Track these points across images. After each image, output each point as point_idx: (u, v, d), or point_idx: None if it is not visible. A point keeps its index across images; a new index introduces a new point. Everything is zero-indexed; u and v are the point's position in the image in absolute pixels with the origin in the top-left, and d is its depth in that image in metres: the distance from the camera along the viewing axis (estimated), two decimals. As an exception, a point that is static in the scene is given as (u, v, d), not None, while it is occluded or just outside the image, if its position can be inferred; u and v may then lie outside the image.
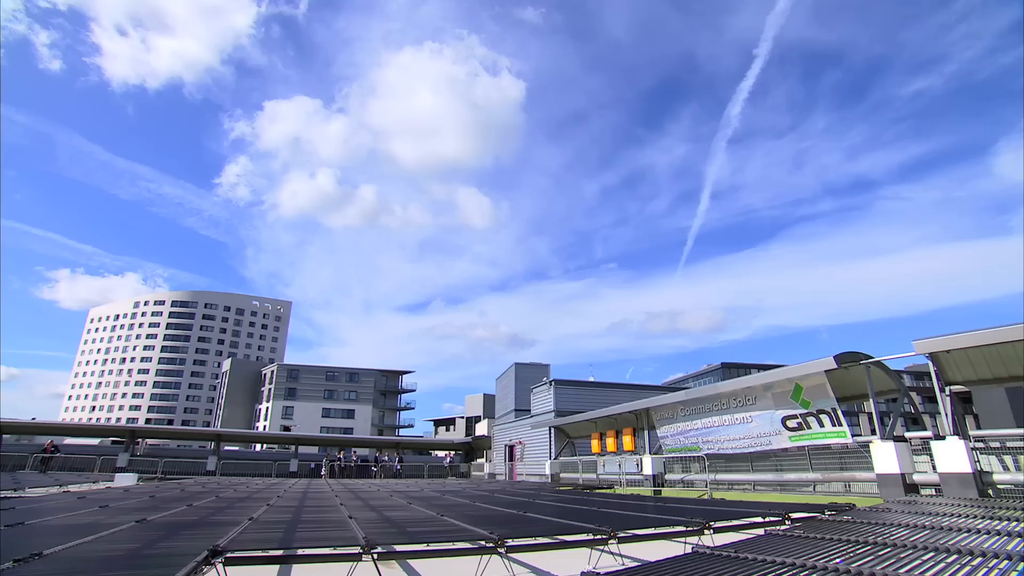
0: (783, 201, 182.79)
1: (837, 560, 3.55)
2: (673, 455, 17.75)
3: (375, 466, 36.07)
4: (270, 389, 75.71)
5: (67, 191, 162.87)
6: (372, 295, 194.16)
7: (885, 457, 10.77)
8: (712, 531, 6.17)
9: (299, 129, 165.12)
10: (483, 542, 5.06)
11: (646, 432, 18.95)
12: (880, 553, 3.97)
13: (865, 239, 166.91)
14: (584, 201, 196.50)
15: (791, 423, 13.31)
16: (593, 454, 21.91)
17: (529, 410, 32.92)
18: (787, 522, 6.70)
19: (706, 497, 13.14)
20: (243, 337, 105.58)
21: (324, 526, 6.17)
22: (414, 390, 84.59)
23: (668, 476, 17.69)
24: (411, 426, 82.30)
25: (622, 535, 5.36)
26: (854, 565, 3.35)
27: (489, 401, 59.95)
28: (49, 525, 5.44)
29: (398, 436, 68.22)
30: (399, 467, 35.37)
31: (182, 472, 29.56)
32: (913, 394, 14.66)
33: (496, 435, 35.88)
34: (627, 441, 19.79)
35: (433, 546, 5.11)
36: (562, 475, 23.94)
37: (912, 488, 10.48)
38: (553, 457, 25.19)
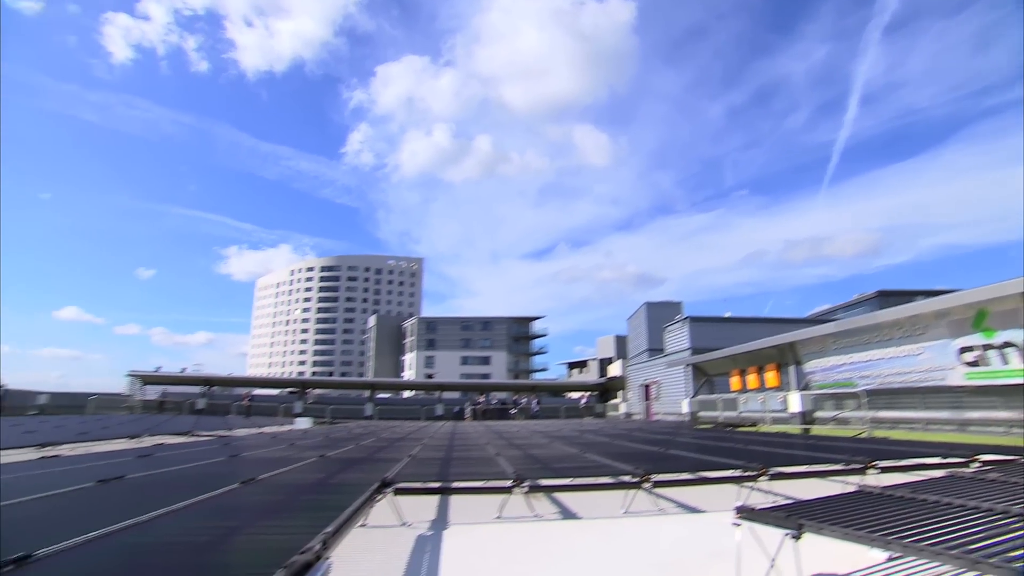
0: (960, 94, 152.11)
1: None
2: (823, 391, 16.53)
3: (513, 408, 37.96)
4: (412, 341, 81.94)
5: (226, 178, 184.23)
6: (497, 244, 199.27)
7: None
8: (877, 470, 5.71)
9: (411, 89, 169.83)
10: (627, 477, 5.13)
11: (791, 368, 17.78)
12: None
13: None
14: (709, 125, 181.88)
15: (968, 356, 11.62)
16: (733, 392, 21.13)
17: (663, 349, 32.37)
18: (974, 464, 5.98)
19: (864, 436, 12.15)
20: (383, 295, 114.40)
21: (474, 463, 6.63)
22: (545, 335, 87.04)
23: (818, 414, 16.56)
24: (545, 369, 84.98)
25: (773, 472, 5.15)
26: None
27: (621, 342, 59.76)
28: (255, 457, 6.46)
29: (533, 380, 70.87)
30: (537, 408, 36.88)
31: (345, 417, 33.35)
32: None
33: (630, 375, 35.89)
34: (770, 377, 18.75)
35: (578, 480, 5.30)
36: (701, 413, 23.44)
37: None
38: (691, 395, 24.70)
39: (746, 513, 2.70)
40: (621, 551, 3.73)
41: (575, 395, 46.25)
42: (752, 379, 19.90)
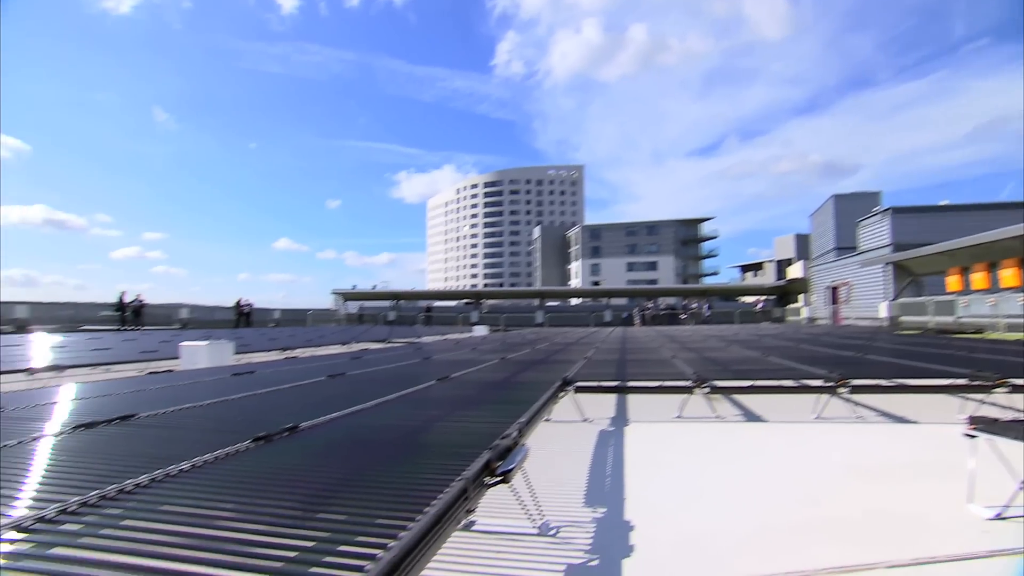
0: None
1: None
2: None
3: (683, 313, 37.09)
4: (576, 250, 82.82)
5: (389, 107, 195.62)
6: (659, 144, 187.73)
7: None
8: None
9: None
10: (819, 381, 4.79)
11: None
12: None
13: None
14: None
15: None
16: (948, 293, 18.16)
17: (854, 247, 28.71)
18: None
19: None
20: (546, 205, 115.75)
21: (650, 364, 6.69)
22: (715, 237, 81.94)
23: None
24: (715, 273, 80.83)
25: (1016, 383, 4.41)
26: None
27: (802, 241, 54.23)
28: (444, 359, 7.24)
29: (703, 284, 68.06)
30: (708, 313, 35.61)
31: (517, 325, 35.50)
32: None
33: (814, 277, 32.64)
34: (1008, 276, 15.68)
35: (761, 383, 5.08)
36: (903, 318, 20.67)
37: None
38: (891, 298, 21.80)
39: (984, 424, 2.36)
40: (813, 456, 3.56)
41: (749, 299, 43.60)
42: (979, 278, 16.84)
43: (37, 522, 1.47)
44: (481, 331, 22.80)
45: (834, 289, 28.60)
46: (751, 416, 4.87)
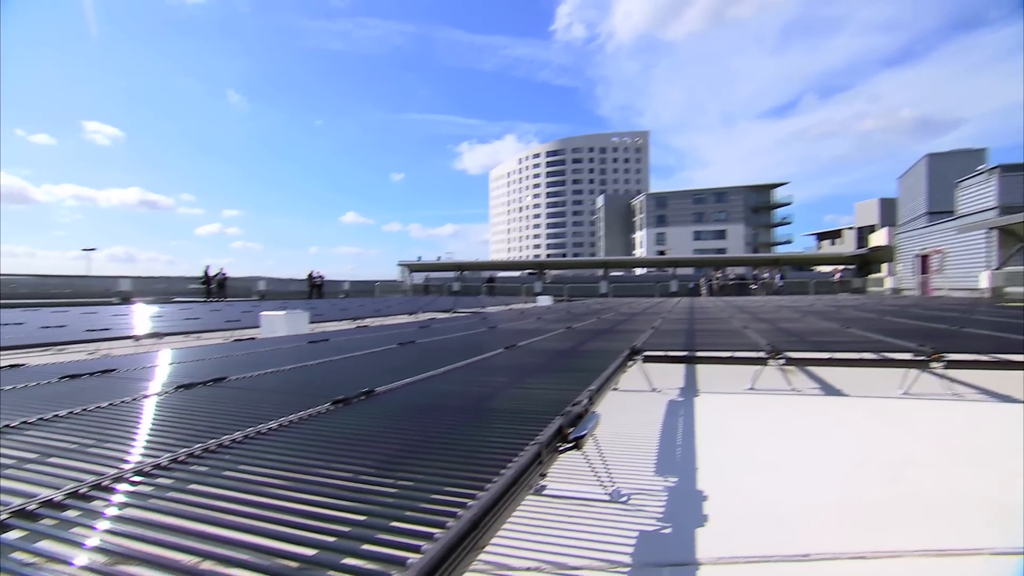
0: None
1: None
2: None
3: (754, 283, 35.64)
4: (641, 219, 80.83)
5: (450, 78, 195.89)
6: (730, 105, 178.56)
7: None
8: None
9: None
10: (908, 355, 4.49)
11: None
12: None
13: None
14: None
15: None
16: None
17: (951, 211, 26.40)
18: None
19: None
20: (609, 173, 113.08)
21: (721, 334, 6.48)
22: (789, 203, 77.37)
23: None
24: (788, 242, 76.81)
25: None
26: None
27: (887, 206, 50.45)
28: (510, 328, 7.32)
29: (775, 253, 64.91)
30: (781, 283, 34.05)
31: (581, 295, 35.30)
32: None
33: (901, 244, 30.41)
34: None
35: (842, 355, 4.82)
36: (1007, 289, 18.94)
37: None
38: (994, 267, 19.99)
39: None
40: (900, 433, 3.36)
41: (826, 269, 41.24)
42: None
43: (154, 468, 1.62)
44: (545, 301, 22.84)
45: (924, 257, 26.53)
46: (830, 390, 4.65)
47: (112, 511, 1.32)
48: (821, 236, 69.46)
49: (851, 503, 2.25)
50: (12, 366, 4.06)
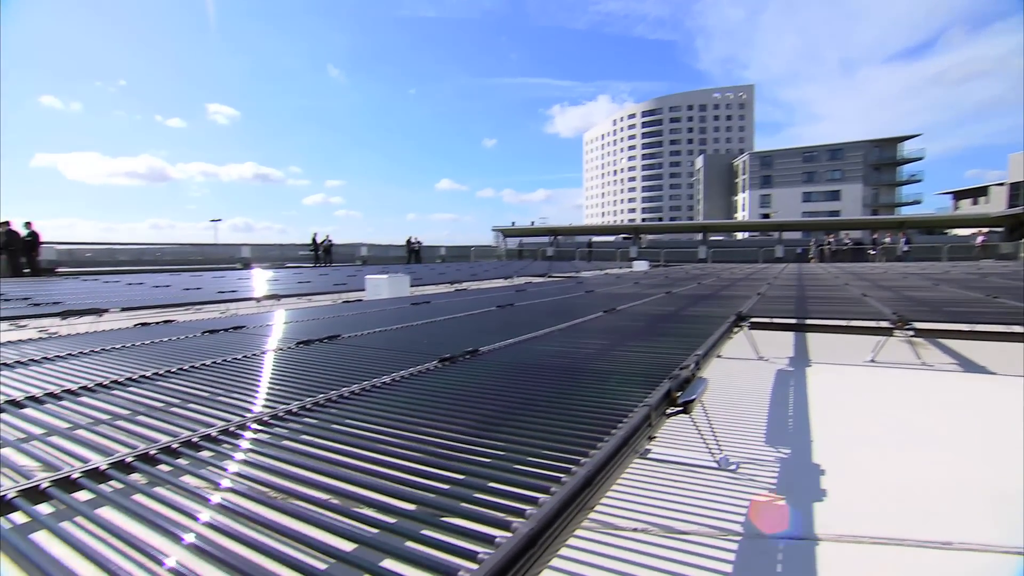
0: None
1: None
2: None
3: (872, 248, 32.57)
4: (744, 179, 75.97)
5: (540, 39, 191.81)
6: (851, 50, 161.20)
7: None
8: None
9: None
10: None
11: None
12: None
13: None
14: None
15: None
16: None
17: None
18: None
19: None
20: (709, 132, 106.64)
21: (834, 302, 6.00)
22: (920, 159, 68.76)
23: None
24: (917, 202, 68.86)
25: None
26: None
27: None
28: (607, 292, 7.21)
29: (899, 215, 58.66)
30: (907, 248, 30.82)
31: (678, 260, 34.02)
32: None
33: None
34: None
35: (985, 327, 4.29)
36: None
37: None
38: None
39: None
40: (1062, 412, 2.95)
41: (964, 232, 36.68)
42: None
43: (287, 414, 1.78)
44: (641, 266, 22.26)
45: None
46: (970, 366, 4.18)
47: (239, 455, 1.46)
48: (959, 195, 61.65)
49: (999, 493, 2.02)
50: (165, 321, 4.61)
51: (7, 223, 14.89)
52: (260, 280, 12.28)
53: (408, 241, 31.38)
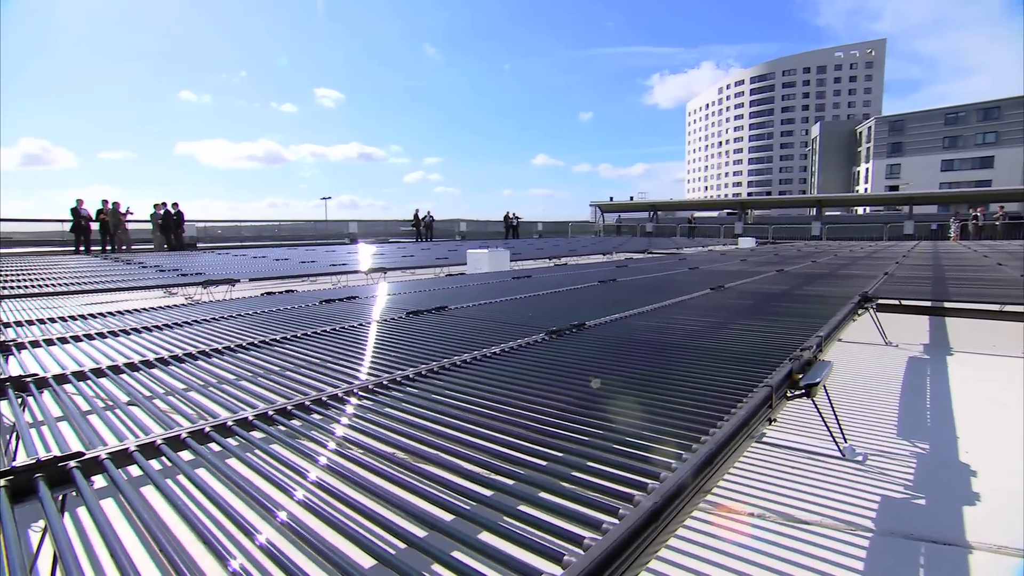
0: None
1: None
2: None
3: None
4: (868, 148, 68.90)
5: (638, 3, 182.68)
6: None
7: None
8: None
9: None
10: None
11: None
12: None
13: None
14: None
15: None
16: None
17: None
18: None
19: None
20: (828, 96, 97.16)
21: (979, 284, 5.32)
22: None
23: None
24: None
25: None
26: None
27: None
28: (713, 269, 6.89)
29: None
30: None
31: (788, 237, 31.69)
32: None
33: None
34: None
35: None
36: None
37: None
38: None
39: None
40: None
41: None
42: None
43: (404, 379, 1.88)
44: (748, 242, 21.03)
45: None
46: None
47: (349, 420, 1.56)
48: None
49: None
50: (288, 291, 5.02)
51: (164, 204, 16.96)
52: (367, 254, 12.98)
53: (506, 216, 31.71)
